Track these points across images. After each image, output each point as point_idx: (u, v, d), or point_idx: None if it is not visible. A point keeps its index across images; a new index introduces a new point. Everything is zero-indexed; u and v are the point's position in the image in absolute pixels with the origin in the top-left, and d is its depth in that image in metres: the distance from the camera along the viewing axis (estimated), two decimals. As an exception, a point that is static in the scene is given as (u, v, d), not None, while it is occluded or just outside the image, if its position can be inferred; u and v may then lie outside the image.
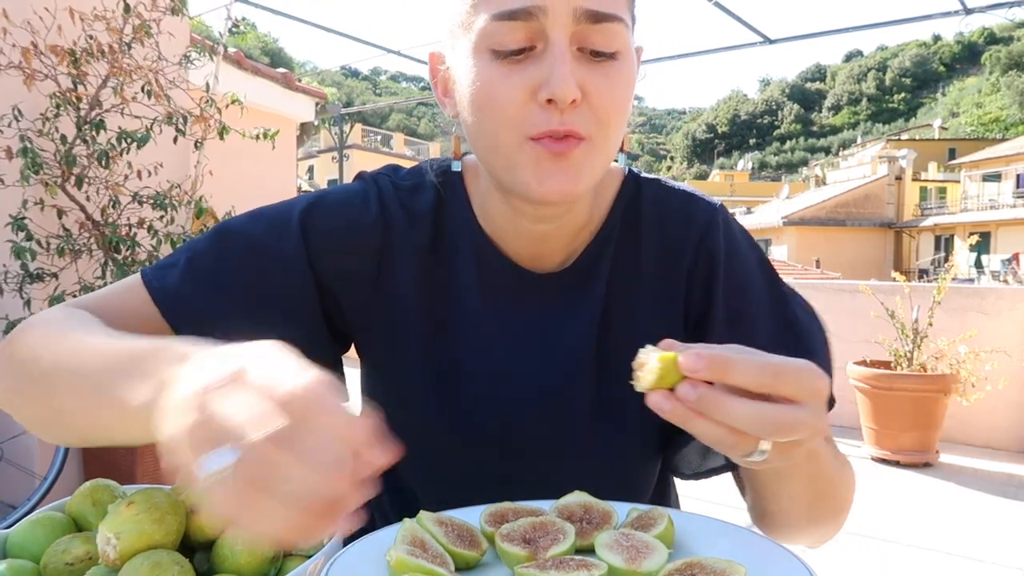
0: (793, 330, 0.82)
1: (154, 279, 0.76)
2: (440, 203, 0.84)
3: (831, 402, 0.84)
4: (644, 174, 0.88)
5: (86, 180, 3.10)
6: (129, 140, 3.10)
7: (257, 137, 3.52)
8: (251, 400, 0.37)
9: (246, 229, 0.79)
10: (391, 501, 0.94)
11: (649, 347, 0.57)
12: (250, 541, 0.49)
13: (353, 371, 0.79)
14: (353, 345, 0.87)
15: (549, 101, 0.66)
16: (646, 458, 0.87)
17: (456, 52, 0.72)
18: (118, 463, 3.23)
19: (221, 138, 3.47)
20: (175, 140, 3.34)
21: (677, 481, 0.98)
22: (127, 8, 3.09)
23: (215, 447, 0.36)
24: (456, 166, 0.84)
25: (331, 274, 0.80)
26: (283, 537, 0.37)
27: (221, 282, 0.76)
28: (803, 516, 0.77)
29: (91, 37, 3.02)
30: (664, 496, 0.96)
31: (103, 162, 3.07)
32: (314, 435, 0.37)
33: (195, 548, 0.63)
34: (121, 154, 3.14)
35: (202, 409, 0.38)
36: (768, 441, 0.55)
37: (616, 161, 0.82)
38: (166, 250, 3.39)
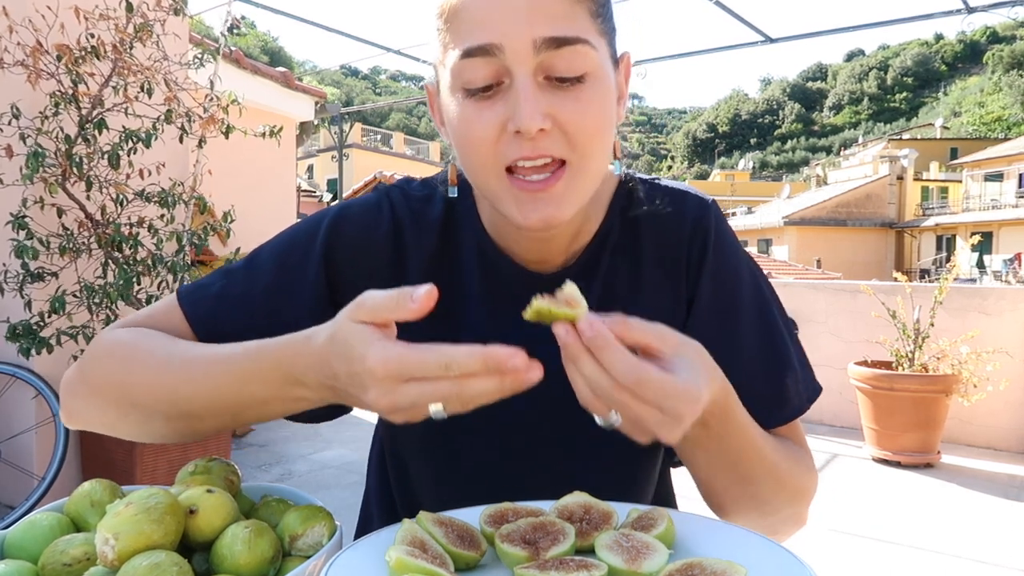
0: (769, 326, 0.85)
1: (188, 302, 0.82)
2: (450, 212, 0.87)
3: (815, 392, 0.85)
4: (640, 175, 0.90)
5: (90, 179, 3.10)
6: (135, 139, 3.10)
7: (263, 135, 3.52)
8: (412, 391, 0.58)
9: (275, 252, 0.84)
10: (392, 501, 0.94)
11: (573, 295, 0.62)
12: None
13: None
14: None
15: (518, 132, 0.67)
16: (648, 456, 0.89)
17: (440, 88, 0.75)
18: (117, 463, 3.23)
19: (226, 136, 3.48)
20: (181, 139, 3.34)
21: (676, 481, 0.98)
22: (130, 7, 3.09)
23: (425, 413, 0.59)
24: (453, 192, 0.86)
25: (350, 289, 0.82)
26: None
27: (250, 304, 0.81)
28: (734, 493, 0.78)
29: (92, 35, 3.02)
30: (665, 495, 0.97)
31: (112, 162, 3.08)
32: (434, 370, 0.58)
33: (194, 548, 0.63)
34: (128, 153, 3.14)
35: (397, 408, 0.58)
36: (617, 414, 0.61)
37: (612, 166, 0.84)
38: (169, 247, 3.39)
